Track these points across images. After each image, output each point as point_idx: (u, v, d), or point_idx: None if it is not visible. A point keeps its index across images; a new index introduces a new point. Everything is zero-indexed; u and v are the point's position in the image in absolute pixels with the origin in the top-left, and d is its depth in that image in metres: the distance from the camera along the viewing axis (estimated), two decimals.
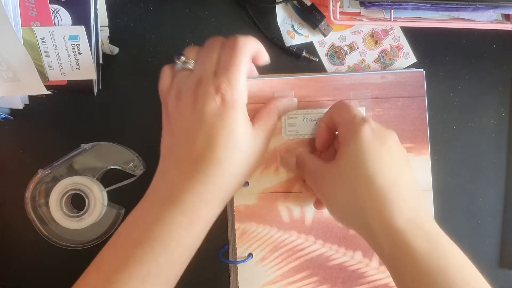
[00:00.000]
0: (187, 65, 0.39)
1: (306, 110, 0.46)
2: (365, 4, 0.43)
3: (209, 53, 0.39)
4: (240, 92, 0.37)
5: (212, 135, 0.36)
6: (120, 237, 0.37)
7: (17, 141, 0.47)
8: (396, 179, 0.36)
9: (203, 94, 0.37)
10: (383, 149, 0.37)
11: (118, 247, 0.36)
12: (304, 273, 0.46)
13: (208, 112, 0.36)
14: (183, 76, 0.39)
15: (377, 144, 0.37)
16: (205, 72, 0.38)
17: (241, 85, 0.38)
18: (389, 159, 0.37)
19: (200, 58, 0.39)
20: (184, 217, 0.36)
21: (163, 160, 0.39)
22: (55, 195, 0.45)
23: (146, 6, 0.47)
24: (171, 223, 0.35)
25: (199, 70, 0.38)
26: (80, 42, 0.42)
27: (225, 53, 0.38)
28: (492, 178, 0.47)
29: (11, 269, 0.47)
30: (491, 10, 0.43)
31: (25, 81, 0.42)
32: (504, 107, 0.48)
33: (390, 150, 0.37)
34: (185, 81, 0.38)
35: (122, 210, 0.46)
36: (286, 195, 0.45)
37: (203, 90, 0.37)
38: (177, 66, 0.40)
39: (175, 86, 0.39)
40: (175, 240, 0.35)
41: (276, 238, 0.46)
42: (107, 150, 0.46)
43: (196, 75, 0.38)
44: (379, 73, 0.46)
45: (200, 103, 0.37)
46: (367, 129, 0.37)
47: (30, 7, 0.41)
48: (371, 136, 0.37)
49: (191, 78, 0.38)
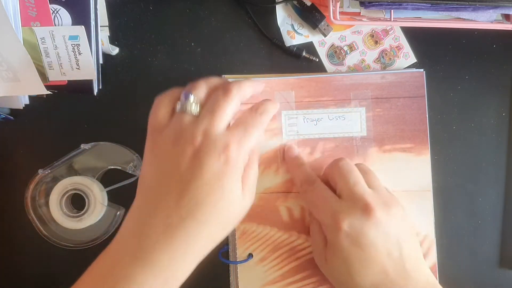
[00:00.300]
0: (193, 110, 0.36)
1: (306, 110, 0.46)
2: (365, 4, 0.43)
3: (222, 103, 0.36)
4: (246, 153, 0.36)
5: (205, 193, 0.34)
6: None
7: (17, 141, 0.47)
8: (382, 280, 0.37)
9: (208, 149, 0.34)
10: (362, 254, 0.37)
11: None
12: (304, 273, 0.46)
13: (207, 170, 0.34)
14: (187, 121, 0.36)
15: (355, 251, 0.37)
16: (215, 125, 0.35)
17: (249, 149, 0.36)
18: (370, 261, 0.37)
19: (210, 105, 0.36)
20: (159, 279, 0.33)
21: (142, 202, 0.36)
22: (55, 195, 0.45)
23: (146, 6, 0.47)
24: (142, 283, 0.32)
25: (207, 120, 0.35)
26: (80, 42, 0.42)
27: (249, 116, 0.37)
28: (492, 178, 0.47)
29: (11, 269, 0.47)
30: (491, 10, 0.43)
31: (25, 81, 0.42)
32: (504, 107, 0.48)
33: (371, 248, 0.37)
34: (190, 127, 0.35)
35: (122, 210, 0.46)
36: (286, 195, 0.45)
37: (209, 145, 0.34)
38: (181, 107, 0.36)
39: (174, 129, 0.36)
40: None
41: (276, 238, 0.46)
42: (107, 150, 0.46)
43: (204, 125, 0.35)
44: (379, 73, 0.46)
45: (202, 157, 0.34)
46: (342, 239, 0.37)
47: (30, 7, 0.41)
48: (348, 243, 0.37)
49: (197, 126, 0.35)
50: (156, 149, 0.36)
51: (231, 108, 0.36)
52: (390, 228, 0.38)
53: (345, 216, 0.38)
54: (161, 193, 0.35)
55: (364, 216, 0.37)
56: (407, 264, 0.38)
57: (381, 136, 0.46)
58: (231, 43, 0.47)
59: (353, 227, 0.37)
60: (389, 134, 0.46)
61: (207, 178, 0.34)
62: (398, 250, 0.38)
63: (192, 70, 0.47)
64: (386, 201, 0.39)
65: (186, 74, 0.47)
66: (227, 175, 0.35)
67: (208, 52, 0.47)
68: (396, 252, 0.38)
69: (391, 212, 0.38)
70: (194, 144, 0.35)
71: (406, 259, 0.38)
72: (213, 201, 0.34)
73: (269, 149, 0.46)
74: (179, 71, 0.47)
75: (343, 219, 0.38)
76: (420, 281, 0.37)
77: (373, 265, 0.37)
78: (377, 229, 0.37)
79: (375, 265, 0.37)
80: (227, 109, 0.36)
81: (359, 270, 0.37)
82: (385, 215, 0.38)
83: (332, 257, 0.39)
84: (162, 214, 0.34)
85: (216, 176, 0.34)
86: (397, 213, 0.39)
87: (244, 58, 0.47)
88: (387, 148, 0.46)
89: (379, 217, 0.38)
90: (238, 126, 0.36)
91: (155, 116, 0.37)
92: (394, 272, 0.37)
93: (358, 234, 0.37)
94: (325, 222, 0.39)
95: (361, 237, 0.37)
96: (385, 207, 0.38)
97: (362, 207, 0.38)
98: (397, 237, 0.38)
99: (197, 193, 0.34)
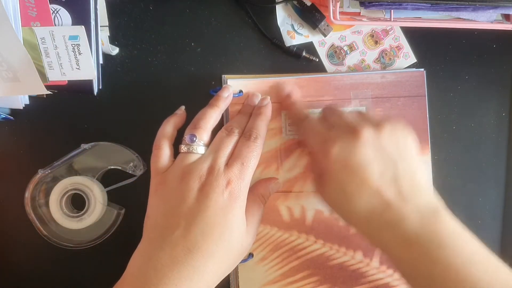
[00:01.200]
0: (199, 151, 0.39)
1: (306, 110, 0.45)
2: (365, 4, 0.43)
3: (225, 141, 0.40)
4: (247, 185, 0.39)
5: (210, 227, 0.36)
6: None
7: (17, 141, 0.47)
8: (377, 202, 0.36)
9: (213, 185, 0.37)
10: (353, 176, 0.37)
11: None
12: (304, 272, 0.46)
13: (213, 205, 0.36)
14: (193, 160, 0.39)
15: (346, 174, 0.37)
16: (219, 162, 0.38)
17: (249, 178, 0.39)
18: (363, 183, 0.36)
19: (215, 144, 0.40)
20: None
21: (148, 239, 0.37)
22: (55, 195, 0.45)
23: (146, 6, 0.47)
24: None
25: (212, 157, 0.39)
26: (80, 42, 0.42)
27: (243, 148, 0.39)
28: (492, 178, 0.47)
29: (11, 269, 0.47)
30: (491, 10, 0.43)
31: (25, 81, 0.42)
32: (504, 107, 0.48)
33: (361, 170, 0.36)
34: (195, 165, 0.38)
35: (122, 210, 0.46)
36: (286, 195, 0.45)
37: (214, 181, 0.37)
38: (187, 148, 0.39)
39: (181, 167, 0.38)
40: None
41: (276, 238, 0.46)
42: (107, 150, 0.46)
43: (208, 162, 0.38)
44: (380, 73, 0.46)
45: (207, 193, 0.37)
46: (333, 164, 0.37)
47: (30, 7, 0.41)
48: (339, 167, 0.37)
49: (201, 164, 0.38)
50: (161, 188, 0.39)
51: (232, 145, 0.40)
52: (380, 147, 0.37)
53: (334, 142, 0.37)
54: (168, 227, 0.36)
55: (351, 139, 0.37)
56: (403, 186, 0.36)
57: None
58: (231, 43, 0.47)
59: (343, 150, 0.37)
60: None
61: (213, 211, 0.36)
62: (391, 170, 0.36)
63: (192, 70, 0.47)
64: (376, 123, 0.38)
65: (186, 74, 0.47)
66: (232, 209, 0.37)
67: (208, 52, 0.47)
68: (389, 172, 0.36)
69: (382, 131, 0.37)
70: (201, 180, 0.37)
71: (401, 180, 0.36)
72: (219, 233, 0.36)
73: (269, 149, 0.46)
74: (179, 71, 0.47)
75: (332, 145, 0.37)
76: (418, 205, 0.36)
77: (365, 187, 0.36)
78: (365, 149, 0.36)
79: (368, 187, 0.36)
80: (229, 147, 0.40)
81: (353, 193, 0.36)
82: (373, 135, 0.37)
83: (327, 183, 0.38)
84: (169, 248, 0.35)
85: (221, 210, 0.37)
86: (390, 132, 0.38)
87: (244, 58, 0.47)
88: None
89: (367, 137, 0.37)
90: (236, 161, 0.39)
91: (157, 159, 0.40)
92: (389, 194, 0.36)
93: (347, 157, 0.37)
94: (317, 151, 0.39)
95: (350, 160, 0.37)
96: (375, 127, 0.37)
97: (350, 130, 0.38)
98: (390, 156, 0.37)
99: (203, 225, 0.36)
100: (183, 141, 0.40)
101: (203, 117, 0.41)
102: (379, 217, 0.36)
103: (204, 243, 0.36)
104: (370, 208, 0.36)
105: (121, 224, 0.46)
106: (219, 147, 0.39)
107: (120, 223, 0.46)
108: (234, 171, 0.38)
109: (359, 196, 0.36)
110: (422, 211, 0.35)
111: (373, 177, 0.36)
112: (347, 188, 0.37)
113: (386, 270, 0.45)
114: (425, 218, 0.35)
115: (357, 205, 0.36)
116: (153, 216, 0.38)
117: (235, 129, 0.41)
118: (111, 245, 0.46)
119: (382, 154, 0.37)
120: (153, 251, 0.36)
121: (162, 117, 0.45)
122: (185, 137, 0.40)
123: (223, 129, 0.41)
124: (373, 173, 0.36)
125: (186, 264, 0.35)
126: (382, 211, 0.36)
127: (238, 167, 0.38)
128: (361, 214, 0.36)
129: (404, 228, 0.35)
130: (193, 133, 0.40)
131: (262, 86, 0.45)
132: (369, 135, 0.37)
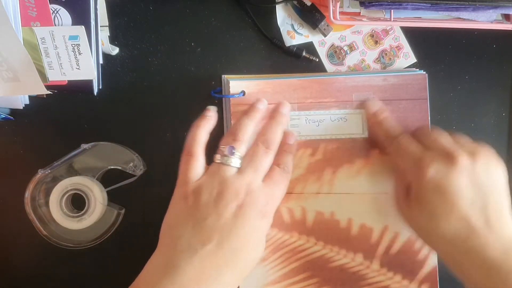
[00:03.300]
0: (237, 164, 0.39)
1: (308, 112, 0.45)
2: (365, 4, 0.43)
3: (263, 159, 0.40)
4: (278, 204, 0.40)
5: (242, 246, 0.37)
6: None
7: (17, 141, 0.47)
8: (463, 227, 0.37)
9: (251, 206, 0.37)
10: (445, 200, 0.37)
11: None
12: (304, 274, 0.45)
13: (249, 223, 0.37)
14: (230, 174, 0.39)
15: (438, 197, 0.37)
16: (257, 180, 0.39)
17: (281, 199, 0.41)
18: (453, 208, 0.37)
19: (253, 160, 0.40)
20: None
21: (170, 249, 0.37)
22: (55, 195, 0.45)
23: (146, 6, 0.47)
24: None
25: (250, 175, 0.39)
26: (80, 42, 0.42)
27: (279, 171, 0.40)
28: None
29: (11, 269, 0.47)
30: (491, 10, 0.43)
31: (25, 81, 0.42)
32: (504, 107, 0.48)
33: (455, 196, 0.37)
34: (232, 180, 0.38)
35: (122, 210, 0.46)
36: (287, 196, 0.45)
37: (254, 201, 0.38)
38: (224, 160, 0.39)
39: (217, 180, 0.38)
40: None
41: (277, 239, 0.45)
42: (107, 150, 0.46)
43: (247, 179, 0.38)
44: (382, 75, 0.46)
45: (244, 212, 0.37)
46: (427, 184, 0.38)
47: (30, 7, 0.41)
48: (432, 189, 0.37)
49: (240, 180, 0.38)
50: (194, 199, 0.38)
51: (270, 162, 0.41)
52: (474, 176, 0.37)
53: (430, 162, 0.38)
54: (199, 240, 0.36)
55: (448, 163, 0.38)
56: (491, 216, 0.37)
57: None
58: (231, 43, 0.47)
59: (438, 172, 0.38)
60: None
61: (247, 230, 0.37)
62: (482, 200, 0.37)
63: (192, 70, 0.47)
64: (472, 151, 0.39)
65: (186, 74, 0.47)
66: (262, 230, 0.39)
67: (208, 52, 0.47)
68: (480, 202, 0.37)
69: (478, 161, 0.38)
70: (238, 198, 0.37)
71: (490, 210, 0.37)
72: (248, 252, 0.37)
73: None
74: (179, 71, 0.47)
75: (428, 165, 0.38)
76: (502, 236, 0.37)
77: (455, 212, 0.37)
78: (461, 176, 0.37)
79: (457, 211, 0.37)
80: (267, 164, 0.40)
81: (441, 216, 0.37)
82: (469, 163, 0.38)
83: (415, 203, 0.39)
84: (198, 262, 0.35)
85: (254, 229, 0.38)
86: (485, 162, 0.38)
87: (244, 58, 0.47)
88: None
89: (464, 165, 0.37)
90: (274, 185, 0.40)
91: (190, 167, 0.39)
92: (476, 222, 0.37)
93: (442, 180, 0.37)
94: (411, 169, 0.40)
95: (445, 183, 0.37)
96: (470, 156, 0.38)
97: (447, 155, 0.38)
98: (482, 186, 0.37)
99: (236, 243, 0.37)
100: (220, 151, 0.40)
101: (242, 127, 0.41)
102: (463, 242, 0.37)
103: (234, 261, 0.36)
104: (456, 233, 0.37)
105: (121, 224, 0.46)
106: (257, 165, 0.39)
107: (120, 223, 0.46)
108: (272, 194, 0.39)
109: (446, 220, 0.37)
110: (506, 242, 0.36)
111: (464, 203, 0.37)
112: (436, 210, 0.38)
113: (387, 273, 0.45)
114: (508, 249, 0.36)
115: (443, 228, 0.37)
116: (178, 225, 0.37)
117: (271, 145, 0.41)
118: (111, 245, 0.46)
119: (475, 183, 0.37)
120: (177, 262, 0.35)
121: (162, 117, 0.45)
122: (224, 148, 0.40)
123: (260, 143, 0.41)
124: (464, 199, 0.37)
125: (214, 280, 0.35)
126: (466, 237, 0.37)
127: (275, 191, 0.40)
128: (445, 237, 0.37)
129: (487, 255, 0.36)
130: (232, 145, 0.40)
131: (265, 87, 0.45)
132: (466, 163, 0.38)
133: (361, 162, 0.45)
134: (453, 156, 0.38)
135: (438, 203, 0.38)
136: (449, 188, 0.37)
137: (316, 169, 0.45)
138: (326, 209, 0.45)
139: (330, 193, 0.45)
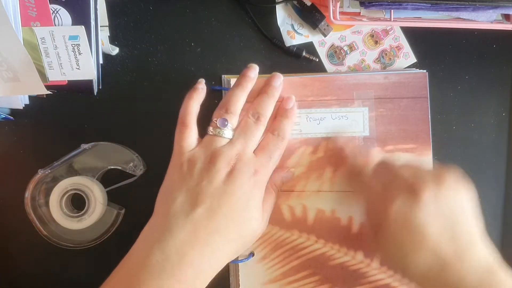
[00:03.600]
0: (226, 134, 0.40)
1: (309, 110, 0.46)
2: (365, 4, 0.43)
3: (254, 130, 0.41)
4: (268, 177, 0.41)
5: (233, 212, 0.38)
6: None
7: (17, 141, 0.47)
8: (434, 260, 0.36)
9: (241, 172, 0.38)
10: (412, 236, 0.37)
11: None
12: (305, 272, 0.46)
13: (239, 190, 0.38)
14: (222, 144, 0.40)
15: (405, 234, 0.37)
16: (248, 150, 0.40)
17: (271, 172, 0.41)
18: (421, 242, 0.36)
19: (243, 131, 0.40)
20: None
21: (164, 215, 0.38)
22: (55, 195, 0.45)
23: (146, 6, 0.47)
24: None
25: (241, 144, 0.40)
26: (80, 42, 0.42)
27: (271, 143, 0.41)
28: (492, 178, 0.47)
29: (11, 269, 0.47)
30: (491, 10, 0.43)
31: (25, 81, 0.42)
32: (504, 107, 0.48)
33: (420, 231, 0.36)
34: (224, 149, 0.39)
35: (122, 210, 0.46)
36: (288, 194, 0.45)
37: (243, 167, 0.39)
38: (216, 132, 0.40)
39: (211, 150, 0.39)
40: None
41: (277, 237, 0.46)
42: (107, 150, 0.46)
43: (237, 148, 0.39)
44: (383, 74, 0.46)
45: (235, 177, 0.38)
46: (391, 224, 0.37)
47: (30, 7, 0.41)
48: (397, 227, 0.37)
49: (230, 150, 0.39)
50: (188, 165, 0.39)
51: (260, 133, 0.41)
52: (441, 206, 0.36)
53: (392, 202, 0.37)
54: (191, 204, 0.37)
55: (411, 199, 0.37)
56: (461, 245, 0.36)
57: (383, 136, 0.46)
58: (231, 43, 0.47)
59: (401, 210, 0.37)
60: (391, 135, 0.46)
61: (238, 196, 0.38)
62: (450, 230, 0.36)
63: (192, 70, 0.47)
64: (436, 179, 0.38)
65: (186, 74, 0.47)
66: (254, 196, 0.39)
67: (208, 52, 0.47)
68: (448, 232, 0.36)
69: (443, 189, 0.37)
70: (230, 164, 0.39)
71: (459, 237, 0.36)
72: (240, 219, 0.38)
73: None
74: (179, 71, 0.47)
75: (390, 205, 0.37)
76: (476, 265, 0.35)
77: (424, 246, 0.36)
78: (425, 209, 0.36)
79: (426, 246, 0.36)
80: (258, 135, 0.41)
81: (411, 252, 0.37)
82: (433, 195, 0.37)
83: (384, 240, 0.38)
84: (190, 225, 0.36)
85: (245, 196, 0.38)
86: (450, 189, 0.37)
87: (244, 58, 0.47)
88: (389, 148, 0.46)
89: (427, 196, 0.36)
90: (264, 153, 0.41)
91: (184, 136, 0.40)
92: (446, 253, 0.36)
93: (406, 217, 0.37)
94: (374, 208, 0.40)
95: (409, 220, 0.36)
96: (434, 185, 0.37)
97: (409, 189, 0.37)
98: (449, 215, 0.37)
99: (227, 209, 0.37)
100: (213, 123, 0.40)
101: (234, 99, 0.41)
102: (437, 277, 0.36)
103: (226, 227, 0.37)
104: (427, 267, 0.36)
105: (121, 224, 0.46)
106: (248, 135, 0.40)
107: (120, 223, 0.46)
108: (262, 162, 0.40)
109: (418, 255, 0.36)
110: (480, 271, 0.35)
111: (432, 236, 0.36)
112: (405, 247, 0.37)
113: (387, 271, 0.45)
114: (483, 279, 0.35)
115: (416, 263, 0.36)
116: (173, 191, 0.38)
117: (262, 117, 0.41)
118: (111, 245, 0.46)
119: (441, 213, 0.36)
120: (170, 226, 0.36)
121: (162, 117, 0.45)
122: (216, 120, 0.40)
123: (250, 115, 0.41)
124: (432, 232, 0.36)
125: (206, 245, 0.36)
126: (440, 270, 0.36)
127: (266, 159, 0.40)
128: (417, 272, 0.37)
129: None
130: (225, 117, 0.40)
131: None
132: (430, 195, 0.36)
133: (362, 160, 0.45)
134: (415, 189, 0.37)
135: (406, 239, 0.37)
136: (415, 223, 0.36)
137: (317, 167, 0.45)
138: (327, 207, 0.46)
139: (331, 191, 0.46)
